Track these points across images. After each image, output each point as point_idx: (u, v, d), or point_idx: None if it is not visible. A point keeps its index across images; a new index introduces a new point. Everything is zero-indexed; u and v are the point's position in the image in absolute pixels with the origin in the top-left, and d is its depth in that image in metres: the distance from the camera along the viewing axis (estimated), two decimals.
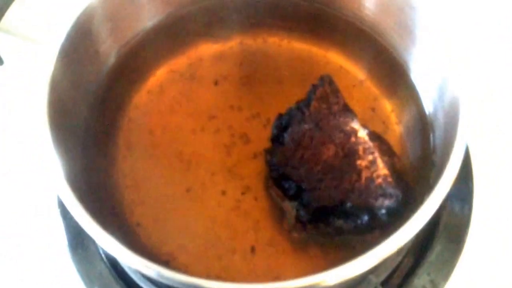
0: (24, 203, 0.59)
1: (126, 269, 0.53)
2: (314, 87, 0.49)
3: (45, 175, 0.56)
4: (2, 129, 0.62)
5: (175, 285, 0.40)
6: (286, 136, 0.49)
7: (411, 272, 0.53)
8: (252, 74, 0.57)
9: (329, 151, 0.47)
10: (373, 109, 0.54)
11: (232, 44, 0.58)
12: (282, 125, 0.49)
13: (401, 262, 0.53)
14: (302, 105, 0.49)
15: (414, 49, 0.53)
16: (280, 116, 0.50)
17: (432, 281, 0.52)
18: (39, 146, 0.43)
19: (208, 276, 0.47)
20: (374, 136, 0.50)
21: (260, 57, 0.58)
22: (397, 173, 0.48)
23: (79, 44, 0.48)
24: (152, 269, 0.39)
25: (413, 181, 0.49)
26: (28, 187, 0.59)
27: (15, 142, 0.61)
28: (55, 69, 0.45)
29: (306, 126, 0.48)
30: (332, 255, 0.48)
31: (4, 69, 0.52)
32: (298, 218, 0.48)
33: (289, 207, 0.48)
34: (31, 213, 0.58)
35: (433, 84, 0.51)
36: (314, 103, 0.48)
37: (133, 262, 0.39)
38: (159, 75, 0.57)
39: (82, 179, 0.47)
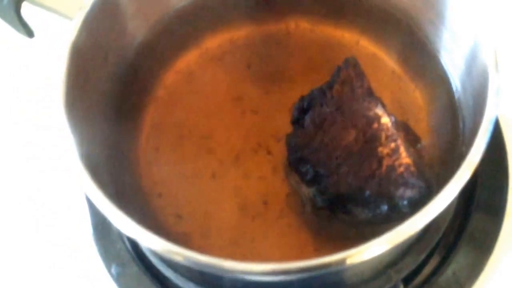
0: (51, 184, 0.60)
1: (145, 251, 0.53)
2: (338, 69, 0.48)
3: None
4: (30, 106, 0.64)
5: (193, 266, 0.39)
6: (307, 119, 0.47)
7: (436, 271, 0.51)
8: (283, 60, 0.56)
9: (350, 136, 0.46)
10: (402, 97, 0.53)
11: (264, 28, 0.58)
12: (304, 107, 0.48)
13: (426, 261, 0.51)
14: (325, 88, 0.48)
15: (443, 31, 0.51)
16: (302, 98, 0.49)
17: (458, 282, 0.50)
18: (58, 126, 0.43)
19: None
20: (401, 125, 0.48)
21: (292, 43, 0.57)
22: (422, 165, 0.46)
23: (104, 19, 0.48)
24: (168, 250, 0.38)
25: (439, 174, 0.47)
26: (54, 169, 0.60)
27: (39, 123, 0.62)
28: (77, 37, 0.45)
29: (327, 109, 0.47)
30: (345, 241, 0.46)
31: (35, 42, 0.53)
32: (314, 204, 0.47)
33: (306, 192, 0.47)
34: (57, 193, 0.59)
35: (462, 65, 0.49)
36: (337, 86, 0.47)
37: (148, 242, 0.39)
38: (189, 56, 0.57)
39: (101, 155, 0.47)
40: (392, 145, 0.45)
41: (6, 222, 0.58)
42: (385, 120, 0.46)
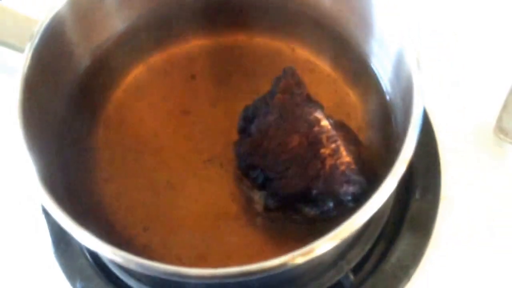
0: (8, 201, 0.60)
1: (107, 263, 0.54)
2: (278, 79, 0.51)
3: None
4: None
5: (153, 274, 0.42)
6: (253, 127, 0.50)
7: (381, 258, 0.54)
8: (226, 71, 0.59)
9: (294, 141, 0.49)
10: (338, 100, 0.56)
11: (207, 41, 0.60)
12: (249, 116, 0.51)
13: (372, 249, 0.54)
14: (267, 97, 0.51)
15: (371, 38, 0.54)
16: (246, 108, 0.52)
17: (402, 267, 0.54)
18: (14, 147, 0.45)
19: (183, 263, 0.50)
20: (340, 125, 0.51)
21: (231, 55, 0.60)
22: (362, 161, 0.50)
23: (52, 47, 0.50)
24: (128, 259, 0.41)
25: (378, 168, 0.50)
26: (11, 187, 0.61)
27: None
28: (29, 67, 0.47)
29: (271, 117, 0.50)
30: (298, 240, 0.49)
31: None
32: (266, 207, 0.50)
33: (258, 196, 0.50)
34: (15, 211, 0.60)
35: (390, 69, 0.52)
36: (278, 95, 0.50)
37: (109, 254, 0.41)
38: (135, 72, 0.59)
39: (60, 177, 0.49)
40: (333, 145, 0.48)
41: None
42: (325, 123, 0.49)
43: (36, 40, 0.48)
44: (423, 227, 0.55)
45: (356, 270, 0.53)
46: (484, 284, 0.54)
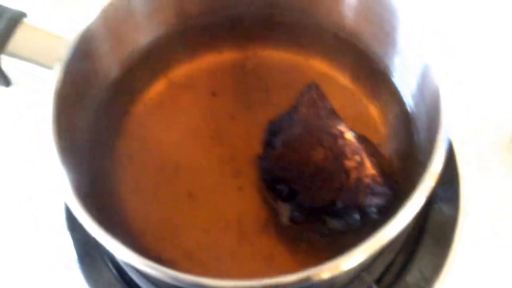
0: (33, 218, 0.61)
1: (132, 276, 0.55)
2: (302, 94, 0.52)
3: (53, 190, 0.60)
4: (10, 146, 0.65)
5: (180, 285, 0.42)
6: (277, 141, 0.51)
7: (403, 269, 0.55)
8: (243, 85, 0.60)
9: (319, 154, 0.50)
10: (358, 113, 0.57)
11: (226, 56, 0.61)
12: (274, 130, 0.52)
13: (394, 260, 0.54)
14: (292, 111, 0.52)
15: (393, 52, 0.55)
16: (271, 122, 0.53)
17: (424, 278, 0.54)
18: (47, 161, 0.45)
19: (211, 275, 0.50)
20: (360, 138, 0.52)
21: (250, 69, 0.60)
22: (384, 173, 0.51)
23: (81, 64, 0.51)
24: (157, 269, 0.41)
25: (400, 179, 0.51)
26: (37, 203, 0.62)
27: (22, 160, 0.64)
28: (61, 85, 0.48)
29: (296, 131, 0.51)
30: (323, 252, 0.50)
31: (12, 90, 0.55)
32: (292, 219, 0.50)
33: (283, 209, 0.51)
34: (40, 227, 0.61)
35: (413, 83, 0.53)
36: (302, 109, 0.51)
37: (141, 264, 0.42)
38: (157, 87, 0.60)
39: (89, 190, 0.50)
40: (357, 158, 0.49)
41: None
42: (349, 135, 0.50)
43: (67, 56, 0.49)
44: (444, 237, 0.56)
45: (378, 281, 0.54)
46: None
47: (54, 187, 0.45)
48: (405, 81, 0.55)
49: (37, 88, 0.49)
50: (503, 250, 0.56)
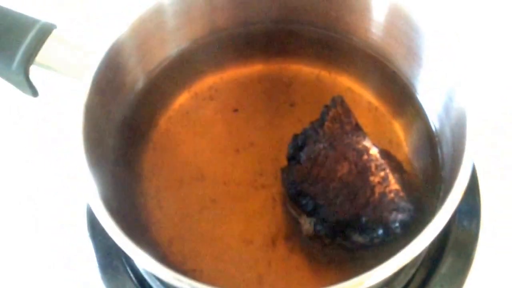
0: (55, 227, 0.62)
1: (154, 286, 0.55)
2: (327, 107, 0.52)
3: (76, 199, 0.61)
4: (37, 156, 0.66)
5: None
6: (302, 155, 0.51)
7: (424, 284, 0.55)
8: (267, 99, 0.60)
9: (343, 168, 0.50)
10: (381, 129, 0.57)
11: (250, 69, 0.62)
12: (298, 144, 0.52)
13: (414, 275, 0.55)
14: (316, 125, 0.52)
15: (419, 70, 0.56)
16: (295, 136, 0.53)
17: None
18: (75, 171, 0.46)
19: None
20: (384, 154, 0.52)
21: (274, 83, 0.61)
22: (407, 189, 0.51)
23: (108, 77, 0.52)
24: (184, 282, 0.42)
25: (423, 195, 0.52)
26: (59, 213, 0.63)
27: (48, 171, 0.65)
28: (88, 100, 0.49)
29: (320, 145, 0.51)
30: (346, 267, 0.51)
31: (40, 100, 0.56)
32: (316, 233, 0.51)
33: (307, 222, 0.51)
34: (62, 237, 0.61)
35: (439, 103, 0.53)
36: (327, 123, 0.51)
37: (166, 276, 0.42)
38: (181, 99, 0.60)
39: (113, 200, 0.50)
40: (382, 173, 0.50)
41: (13, 271, 0.60)
42: (373, 151, 0.51)
43: (95, 68, 0.50)
44: (465, 251, 0.56)
45: None
46: None
47: (80, 196, 0.45)
48: (431, 99, 0.56)
49: (65, 100, 0.50)
50: None
